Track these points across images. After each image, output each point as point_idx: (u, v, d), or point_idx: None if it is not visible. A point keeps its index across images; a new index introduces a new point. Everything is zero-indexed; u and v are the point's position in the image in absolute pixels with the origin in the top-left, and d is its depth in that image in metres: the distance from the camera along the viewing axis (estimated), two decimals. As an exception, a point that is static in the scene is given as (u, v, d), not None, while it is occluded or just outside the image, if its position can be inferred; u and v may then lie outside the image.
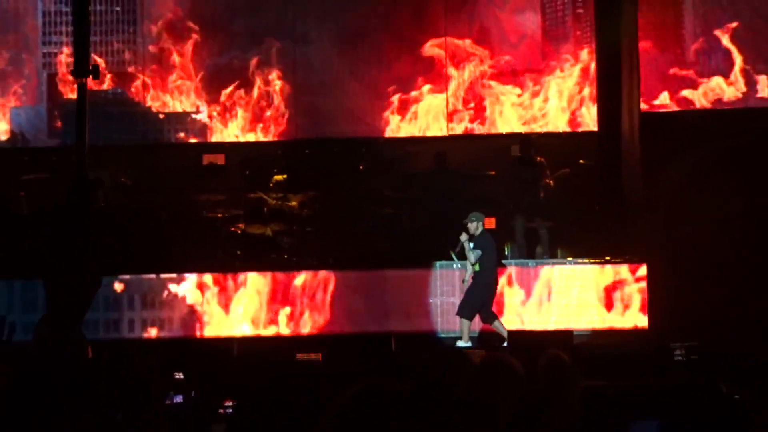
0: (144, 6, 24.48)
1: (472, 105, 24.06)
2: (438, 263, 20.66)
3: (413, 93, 24.01)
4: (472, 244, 19.08)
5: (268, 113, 24.21)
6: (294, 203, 22.20)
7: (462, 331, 18.92)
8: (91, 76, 17.03)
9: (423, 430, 4.91)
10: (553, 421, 6.23)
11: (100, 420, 8.26)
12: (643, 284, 20.59)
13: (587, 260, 20.86)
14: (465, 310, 19.31)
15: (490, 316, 19.14)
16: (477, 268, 19.26)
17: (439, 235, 21.21)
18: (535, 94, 24.00)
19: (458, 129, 23.94)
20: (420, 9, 23.98)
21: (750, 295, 19.93)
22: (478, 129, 23.95)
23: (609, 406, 10.46)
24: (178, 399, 14.22)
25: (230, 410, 13.50)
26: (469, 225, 19.34)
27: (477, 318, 19.81)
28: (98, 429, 8.08)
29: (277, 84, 24.20)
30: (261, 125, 24.16)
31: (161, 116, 24.26)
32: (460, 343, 18.86)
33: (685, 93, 23.47)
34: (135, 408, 11.02)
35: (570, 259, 21.09)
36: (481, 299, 19.30)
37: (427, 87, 24.04)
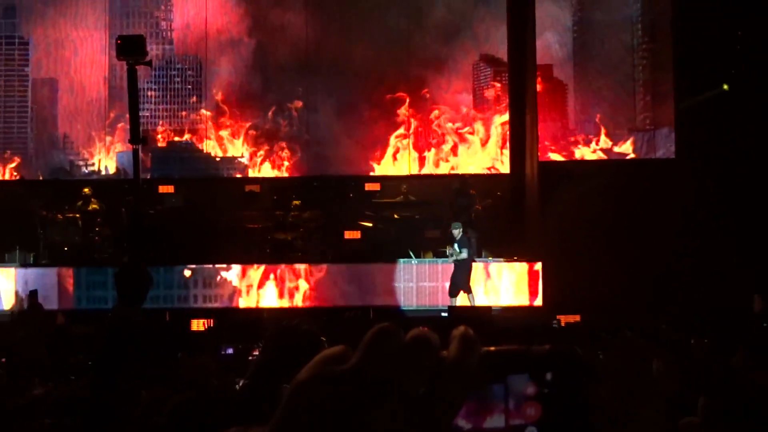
0: (205, 85, 24.69)
1: (427, 154, 24.22)
2: (401, 260, 20.78)
3: (387, 147, 24.20)
4: (456, 243, 19.70)
5: (289, 157, 24.42)
6: (305, 219, 22.02)
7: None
8: (141, 144, 16.12)
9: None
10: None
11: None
12: (539, 275, 20.79)
13: (502, 259, 21.01)
14: (454, 291, 19.96)
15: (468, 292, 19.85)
16: (461, 257, 19.83)
17: (401, 242, 21.57)
18: (468, 148, 24.18)
19: (416, 171, 24.08)
20: (393, 89, 24.15)
21: (616, 284, 19.81)
22: (432, 170, 24.09)
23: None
24: (229, 350, 14.81)
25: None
26: (454, 231, 19.95)
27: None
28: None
29: (296, 138, 24.41)
30: (284, 165, 24.36)
31: (217, 159, 24.50)
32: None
33: (568, 149, 23.59)
34: (197, 355, 11.42)
35: (491, 258, 21.17)
36: (462, 281, 19.95)
37: (397, 143, 24.23)
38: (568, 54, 23.88)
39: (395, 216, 22.31)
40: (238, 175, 24.31)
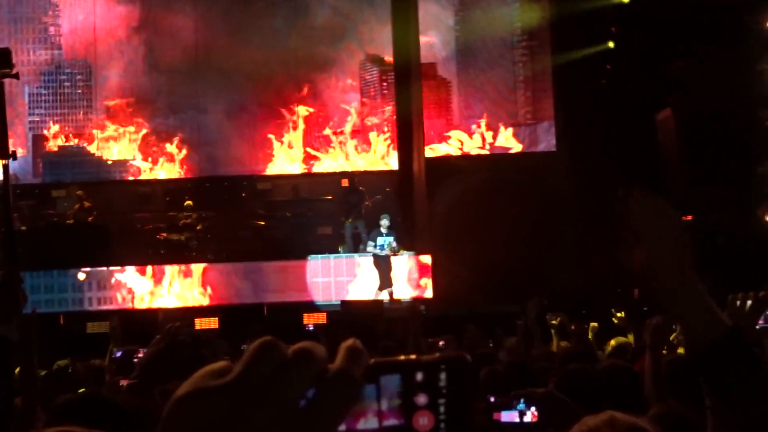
0: (96, 89, 24.42)
1: (317, 153, 24.31)
2: (312, 257, 20.83)
3: (276, 146, 24.22)
4: (384, 236, 20.10)
5: (181, 159, 24.31)
6: (198, 219, 22.01)
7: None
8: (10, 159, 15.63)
9: None
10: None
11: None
12: (429, 268, 21.14)
13: (392, 253, 20.67)
14: (385, 284, 20.29)
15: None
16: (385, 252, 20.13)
17: (294, 240, 21.74)
18: (357, 146, 24.38)
19: (307, 169, 24.20)
20: (282, 90, 24.24)
21: (503, 273, 20.23)
22: (320, 169, 24.20)
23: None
24: (118, 354, 14.55)
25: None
26: (382, 222, 20.21)
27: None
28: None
29: (187, 140, 24.29)
30: (176, 167, 24.26)
31: (109, 162, 24.31)
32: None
33: (453, 145, 23.99)
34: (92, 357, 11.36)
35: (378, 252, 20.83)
36: (387, 273, 20.31)
37: (288, 142, 24.29)
38: (451, 52, 24.23)
39: (287, 214, 22.30)
40: (131, 178, 24.18)
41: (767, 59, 19.73)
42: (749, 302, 3.85)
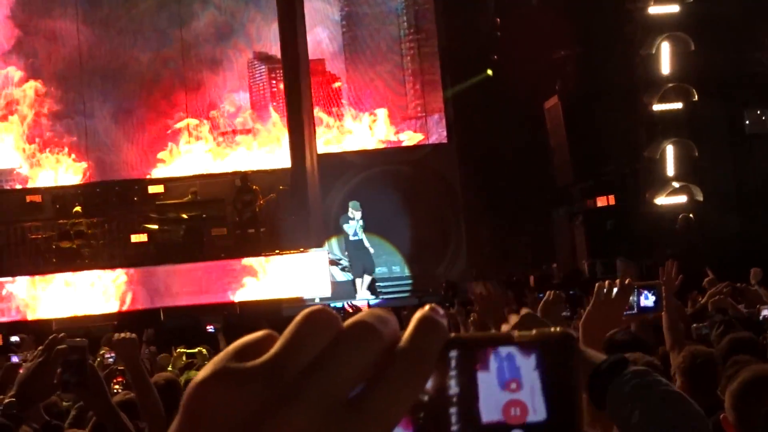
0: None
1: (208, 153, 24.11)
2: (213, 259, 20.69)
3: (167, 149, 24.01)
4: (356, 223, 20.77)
5: (70, 165, 23.89)
6: (89, 225, 21.65)
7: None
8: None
9: None
10: None
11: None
12: (324, 266, 20.77)
13: (289, 252, 20.81)
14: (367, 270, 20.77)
15: None
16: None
17: (188, 242, 21.38)
18: (248, 146, 24.22)
19: (199, 171, 23.76)
20: (170, 91, 23.95)
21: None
22: (213, 170, 23.89)
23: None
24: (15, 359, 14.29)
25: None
26: (353, 211, 20.58)
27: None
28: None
29: (75, 145, 23.90)
30: (65, 174, 23.86)
31: (-7, 171, 23.77)
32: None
33: (345, 139, 24.00)
34: None
35: (278, 251, 20.89)
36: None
37: (174, 144, 24.07)
38: (339, 47, 24.26)
39: (183, 216, 21.96)
40: (18, 186, 23.73)
41: (649, 44, 20.05)
42: (615, 289, 3.86)
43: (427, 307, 0.82)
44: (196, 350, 11.21)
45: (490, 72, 22.41)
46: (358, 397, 0.80)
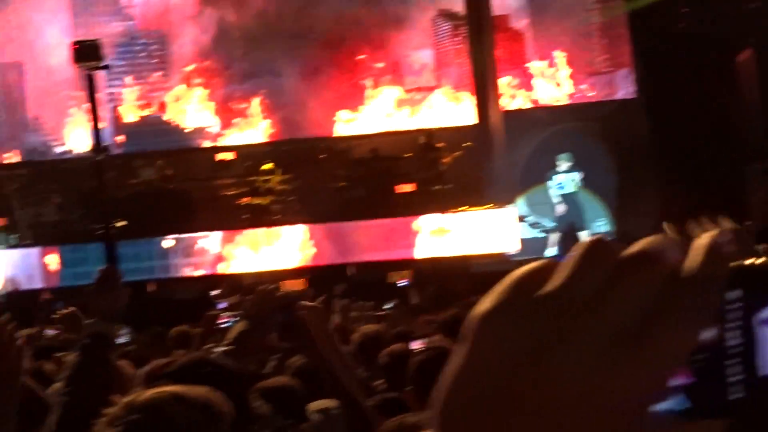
0: (171, 58, 24.65)
1: (392, 112, 24.29)
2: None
3: (354, 106, 24.19)
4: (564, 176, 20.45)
5: (258, 124, 24.40)
6: (279, 182, 22.02)
7: None
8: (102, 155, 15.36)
9: None
10: None
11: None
12: (514, 222, 20.99)
13: (476, 208, 20.93)
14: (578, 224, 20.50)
15: None
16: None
17: (373, 198, 21.70)
18: (432, 103, 24.17)
19: (384, 128, 23.93)
20: (356, 49, 24.18)
21: None
22: (398, 128, 24.01)
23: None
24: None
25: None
26: (562, 163, 20.54)
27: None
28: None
29: (264, 104, 24.36)
30: (254, 132, 24.35)
31: (188, 130, 24.45)
32: None
33: (529, 96, 23.75)
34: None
35: (464, 208, 20.99)
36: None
37: (361, 102, 24.28)
38: (523, 3, 23.89)
39: (369, 173, 22.15)
40: (210, 144, 24.27)
41: None
42: None
43: (710, 234, 0.75)
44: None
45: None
46: (639, 333, 0.74)
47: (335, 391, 3.72)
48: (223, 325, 7.54)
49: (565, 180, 20.88)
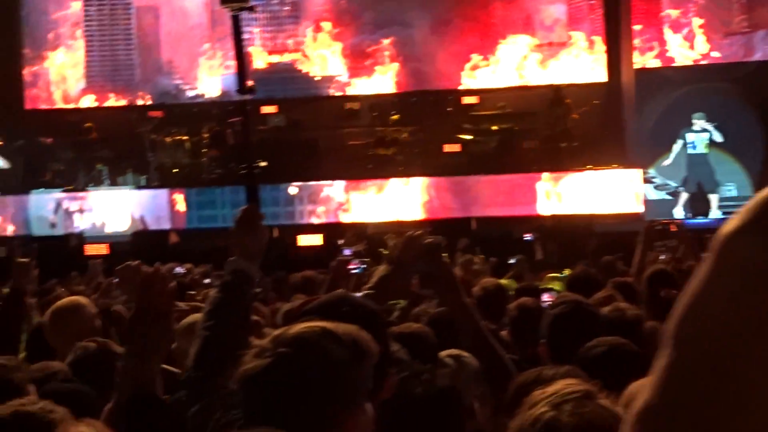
0: (303, 5, 24.78)
1: (521, 67, 23.96)
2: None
3: (482, 60, 23.97)
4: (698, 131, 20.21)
5: (386, 74, 24.37)
6: (405, 134, 22.03)
7: None
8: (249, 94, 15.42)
9: None
10: None
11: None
12: (639, 184, 20.72)
13: (601, 167, 20.69)
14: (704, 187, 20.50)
15: None
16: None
17: (499, 154, 21.56)
18: (562, 58, 23.87)
19: (512, 83, 23.73)
20: (487, 4, 23.90)
21: None
22: (525, 83, 23.82)
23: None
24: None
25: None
26: (697, 119, 20.38)
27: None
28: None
29: (392, 55, 24.33)
30: (382, 82, 24.37)
31: (317, 78, 24.61)
32: None
33: (663, 55, 22.99)
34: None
35: (590, 166, 20.81)
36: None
37: (491, 56, 24.00)
38: (662, -40, 23.41)
39: (495, 127, 22.00)
40: (338, 93, 24.42)
41: None
42: None
43: None
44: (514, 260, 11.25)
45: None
46: None
47: (475, 340, 3.71)
48: (352, 271, 7.59)
49: (696, 139, 20.44)
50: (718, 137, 20.73)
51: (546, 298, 6.47)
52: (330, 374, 2.35)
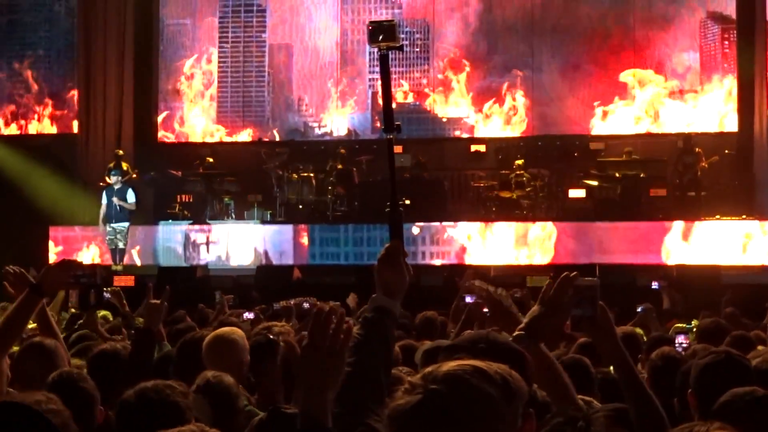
0: (433, 48, 24.90)
1: (651, 113, 23.76)
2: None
3: (611, 106, 23.84)
4: None
5: (514, 118, 24.34)
6: (530, 177, 21.83)
7: None
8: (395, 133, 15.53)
9: None
10: None
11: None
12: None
13: (730, 218, 20.45)
14: None
15: None
16: None
17: (626, 200, 21.22)
18: (694, 107, 23.54)
19: (641, 130, 23.69)
20: (618, 49, 23.76)
21: None
22: (655, 130, 23.67)
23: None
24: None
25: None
26: None
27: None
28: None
29: (520, 99, 24.31)
30: (509, 126, 24.32)
31: (444, 120, 24.67)
32: None
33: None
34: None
35: (718, 216, 20.54)
36: None
37: (620, 102, 23.84)
38: (799, 10, 22.98)
39: (622, 174, 21.67)
40: (464, 135, 24.45)
41: None
42: None
43: None
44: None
45: None
46: None
47: (632, 387, 3.64)
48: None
49: None
50: None
51: (681, 340, 6.38)
52: (481, 412, 2.32)
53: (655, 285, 14.88)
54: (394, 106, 4.68)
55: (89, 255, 21.89)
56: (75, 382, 4.58)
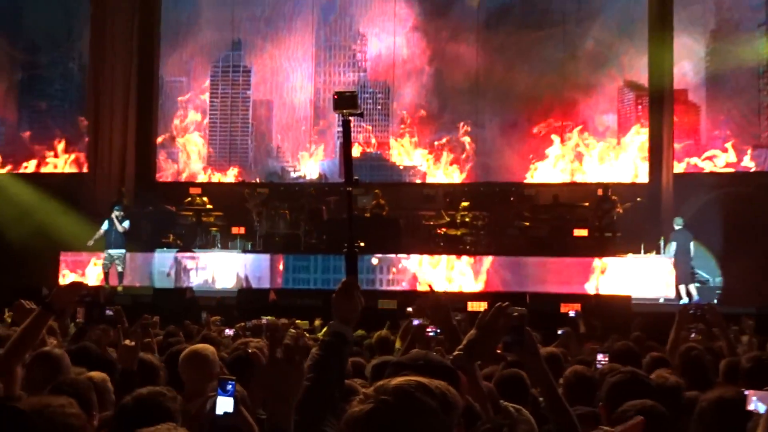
0: (392, 106, 25.02)
1: (575, 165, 23.98)
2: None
3: (541, 160, 24.04)
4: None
5: (460, 166, 24.52)
6: (473, 218, 21.89)
7: None
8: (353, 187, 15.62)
9: None
10: None
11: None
12: (672, 271, 20.38)
13: (640, 255, 20.61)
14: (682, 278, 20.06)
15: None
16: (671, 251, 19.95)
17: (553, 239, 21.40)
18: (612, 161, 23.76)
19: (566, 179, 23.86)
20: (549, 110, 23.97)
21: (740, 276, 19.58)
22: (579, 179, 23.84)
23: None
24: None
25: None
26: (676, 223, 20.22)
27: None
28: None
29: (466, 149, 24.47)
30: (456, 173, 24.53)
31: (401, 167, 24.83)
32: None
33: (698, 162, 22.98)
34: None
35: (630, 254, 20.55)
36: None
37: (549, 154, 24.02)
38: (701, 80, 23.29)
39: (550, 216, 21.86)
40: (418, 181, 24.64)
41: None
42: None
43: None
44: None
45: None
46: None
47: (552, 401, 3.68)
48: (429, 335, 7.55)
49: (676, 237, 20.14)
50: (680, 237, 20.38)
51: (600, 358, 6.44)
52: (423, 421, 2.36)
53: (572, 313, 14.95)
54: (354, 160, 4.70)
55: (94, 277, 21.74)
56: (78, 388, 4.53)
